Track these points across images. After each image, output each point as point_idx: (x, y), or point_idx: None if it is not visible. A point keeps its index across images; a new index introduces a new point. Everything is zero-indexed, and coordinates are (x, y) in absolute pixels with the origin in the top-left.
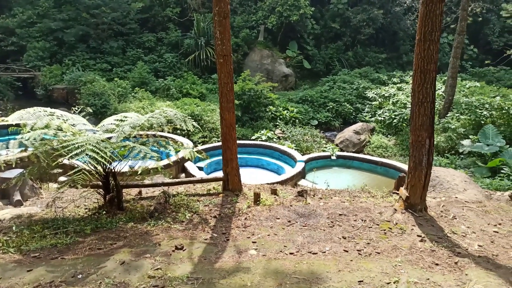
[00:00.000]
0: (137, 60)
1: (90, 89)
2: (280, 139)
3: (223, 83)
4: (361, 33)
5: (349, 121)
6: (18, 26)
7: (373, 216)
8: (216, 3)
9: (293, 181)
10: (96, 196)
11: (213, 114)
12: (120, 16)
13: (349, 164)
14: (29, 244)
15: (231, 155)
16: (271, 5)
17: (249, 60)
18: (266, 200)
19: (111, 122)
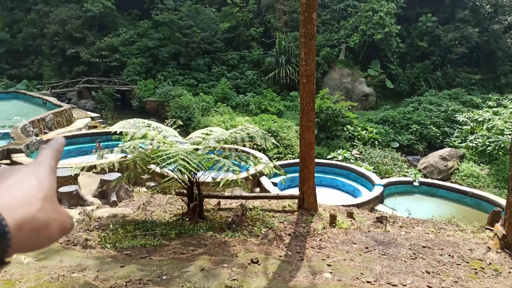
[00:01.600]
0: (221, 76)
1: (177, 103)
2: (357, 160)
3: (304, 103)
4: (452, 52)
5: (435, 145)
6: (121, 44)
7: (462, 252)
8: (303, 25)
9: (370, 205)
10: (180, 203)
11: (289, 131)
12: (208, 36)
13: (433, 192)
14: (122, 242)
15: (309, 174)
16: (355, 23)
17: (328, 79)
18: (343, 223)
19: (198, 135)
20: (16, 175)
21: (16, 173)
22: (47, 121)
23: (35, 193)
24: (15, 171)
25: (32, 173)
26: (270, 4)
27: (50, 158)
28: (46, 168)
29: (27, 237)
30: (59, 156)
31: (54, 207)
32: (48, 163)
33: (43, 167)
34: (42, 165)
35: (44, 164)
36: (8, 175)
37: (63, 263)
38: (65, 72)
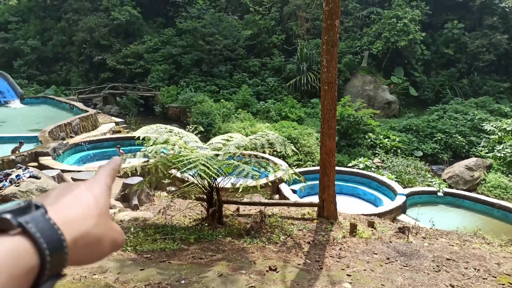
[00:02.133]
0: (242, 83)
1: (199, 109)
2: (378, 168)
3: (326, 110)
4: (479, 60)
5: (460, 155)
6: (146, 52)
7: (488, 266)
8: (325, 32)
9: (391, 215)
10: (199, 209)
11: (309, 138)
12: (230, 43)
13: (458, 203)
14: (142, 245)
15: (329, 181)
16: (378, 30)
17: (350, 86)
18: (363, 233)
19: (219, 141)
20: (74, 192)
21: (75, 189)
22: (73, 126)
23: (91, 210)
24: (74, 187)
25: (89, 190)
26: (292, 11)
27: (106, 176)
28: (102, 186)
29: (81, 252)
30: (115, 175)
31: (107, 224)
32: (105, 181)
33: (99, 185)
34: (99, 183)
35: (100, 182)
36: (68, 191)
37: None
38: (91, 78)
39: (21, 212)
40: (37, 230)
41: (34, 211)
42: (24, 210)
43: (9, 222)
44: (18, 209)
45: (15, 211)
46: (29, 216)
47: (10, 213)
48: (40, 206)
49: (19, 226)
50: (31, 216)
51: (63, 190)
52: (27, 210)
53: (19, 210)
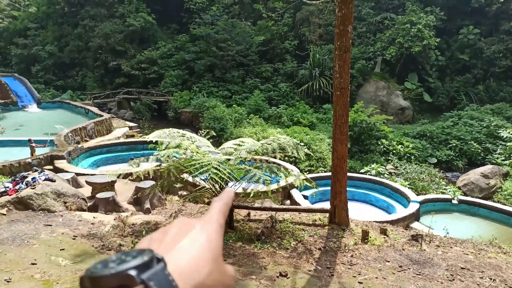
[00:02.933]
0: (254, 88)
1: (211, 114)
2: (391, 175)
3: (338, 115)
4: (495, 65)
5: (476, 162)
6: (160, 57)
7: (505, 276)
8: (338, 38)
9: (405, 223)
10: None
11: (321, 144)
12: (243, 49)
13: (474, 211)
14: None
15: (340, 187)
16: (391, 36)
17: (363, 91)
18: (375, 240)
19: (230, 146)
20: (190, 234)
21: (191, 230)
22: (88, 130)
23: (205, 256)
24: (189, 227)
25: (204, 231)
26: (305, 17)
27: (219, 213)
28: (215, 226)
29: None
30: (227, 211)
31: (220, 269)
32: (217, 218)
33: (212, 225)
34: (212, 223)
35: (213, 222)
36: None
37: None
38: (106, 83)
39: (144, 267)
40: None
41: (155, 265)
42: (147, 265)
43: (134, 280)
44: (142, 264)
45: (140, 267)
46: (152, 272)
47: (135, 270)
48: (161, 260)
49: (142, 282)
50: (153, 272)
51: (179, 230)
52: (150, 265)
53: (143, 265)
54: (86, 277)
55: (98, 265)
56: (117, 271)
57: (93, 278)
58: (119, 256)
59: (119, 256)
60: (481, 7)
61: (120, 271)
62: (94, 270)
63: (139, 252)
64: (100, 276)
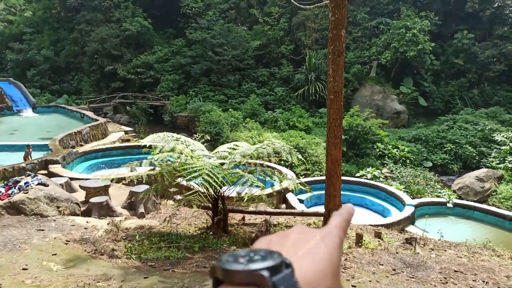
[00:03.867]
0: (250, 93)
1: (207, 118)
2: (387, 178)
3: (332, 119)
4: (489, 70)
5: (471, 165)
6: (156, 62)
7: (497, 278)
8: (331, 42)
9: (400, 226)
10: (205, 217)
11: (317, 148)
12: (239, 53)
13: (468, 214)
14: (147, 253)
15: (335, 191)
16: (387, 40)
17: (358, 96)
18: (369, 243)
19: (225, 150)
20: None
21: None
22: (83, 134)
23: (327, 269)
24: (309, 236)
25: (324, 243)
26: (301, 22)
27: (340, 228)
28: (336, 240)
29: None
30: (347, 227)
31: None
32: (338, 234)
33: (334, 239)
34: (333, 236)
35: (334, 235)
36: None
37: (89, 271)
38: (102, 87)
39: (275, 270)
40: None
41: (284, 270)
42: (278, 268)
43: (266, 281)
44: (274, 267)
45: (271, 269)
46: (281, 276)
47: (267, 271)
48: (289, 265)
49: (273, 285)
50: (283, 276)
51: (299, 238)
52: (279, 269)
53: (274, 268)
54: (219, 267)
55: (229, 258)
56: (251, 269)
57: (226, 270)
58: (248, 253)
59: (248, 253)
60: (475, 12)
61: (254, 270)
62: (227, 263)
63: (268, 253)
64: (234, 270)
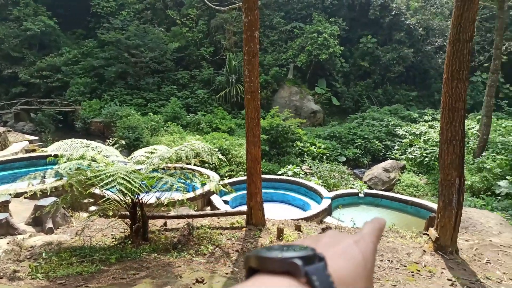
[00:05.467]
0: (171, 95)
1: (125, 123)
2: (307, 174)
3: (250, 118)
4: (391, 71)
5: (378, 158)
6: (64, 64)
7: (400, 256)
8: (246, 43)
9: (318, 218)
10: (123, 226)
11: (240, 149)
12: (157, 55)
13: (377, 202)
14: (56, 271)
15: (256, 189)
16: (301, 44)
17: (278, 97)
18: (290, 236)
19: (142, 154)
20: (343, 245)
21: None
22: None
23: (360, 271)
24: (342, 239)
25: (358, 247)
26: (219, 24)
27: (373, 235)
28: (370, 245)
29: None
30: (380, 236)
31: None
32: (372, 240)
33: (368, 244)
34: (366, 241)
35: (368, 241)
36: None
37: None
38: (0, 93)
39: (308, 260)
40: (320, 285)
41: (317, 263)
42: (310, 259)
43: (298, 269)
44: (307, 257)
45: (304, 259)
46: (314, 267)
47: (300, 260)
48: (323, 259)
49: (305, 274)
50: (316, 268)
51: (331, 239)
52: (312, 260)
53: (307, 258)
54: (253, 256)
55: (263, 249)
56: (284, 257)
57: (260, 257)
58: (281, 246)
59: (281, 246)
60: (376, 19)
61: (287, 257)
62: (261, 252)
63: (301, 247)
64: (267, 257)
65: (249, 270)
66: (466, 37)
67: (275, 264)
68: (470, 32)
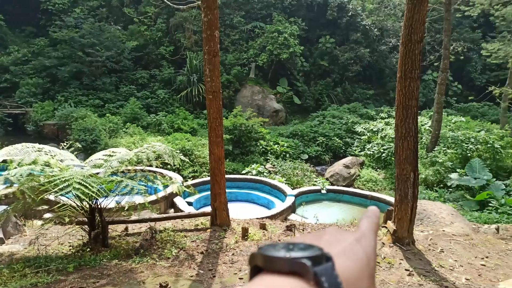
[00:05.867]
0: (130, 96)
1: (81, 125)
2: (270, 173)
3: (212, 118)
4: (349, 70)
5: (339, 155)
6: (13, 64)
7: None
8: (206, 42)
9: (283, 216)
10: (81, 233)
11: (204, 149)
12: (114, 55)
13: (339, 198)
14: (8, 284)
15: (219, 189)
16: (262, 44)
17: (240, 96)
18: (255, 235)
19: (99, 157)
20: (345, 242)
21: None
22: None
23: (364, 270)
24: (343, 236)
25: (361, 245)
26: (179, 23)
27: (372, 231)
28: (372, 243)
29: None
30: (378, 229)
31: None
32: (373, 237)
33: (370, 242)
34: (368, 238)
35: (369, 238)
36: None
37: None
38: None
39: (316, 260)
40: (329, 286)
41: (325, 263)
42: (318, 259)
43: (308, 270)
44: (315, 257)
45: (312, 259)
46: (323, 268)
47: (309, 260)
48: (330, 259)
49: (314, 275)
50: (324, 268)
51: (332, 236)
52: (320, 260)
53: (315, 258)
54: (259, 254)
55: (269, 247)
56: (292, 257)
57: (267, 256)
58: (286, 245)
59: (286, 245)
60: (334, 20)
61: (295, 258)
62: (267, 250)
63: (307, 246)
64: (275, 257)
65: (254, 269)
66: (417, 38)
67: (283, 264)
68: (420, 33)
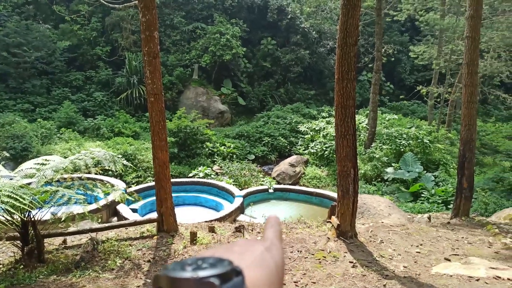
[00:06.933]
0: (64, 99)
1: (8, 131)
2: (218, 175)
3: (155, 122)
4: (290, 72)
5: (285, 154)
6: None
7: (308, 246)
8: (145, 43)
9: (232, 217)
10: (12, 249)
11: (147, 153)
12: (44, 55)
13: (286, 196)
14: None
15: (165, 194)
16: (204, 44)
17: (184, 98)
18: (203, 239)
19: (31, 166)
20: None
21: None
22: None
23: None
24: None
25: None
26: (115, 22)
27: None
28: (280, 251)
29: None
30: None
31: None
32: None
33: (278, 250)
34: (276, 247)
35: (277, 246)
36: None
37: None
38: None
39: (225, 277)
40: None
41: (234, 278)
42: (227, 275)
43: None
44: (224, 274)
45: (221, 276)
46: (231, 284)
47: (218, 278)
48: (240, 273)
49: None
50: (233, 284)
51: (242, 247)
52: (229, 276)
53: (224, 275)
54: (164, 276)
55: (175, 266)
56: (200, 277)
57: (173, 278)
58: (195, 261)
59: (195, 261)
60: (274, 22)
61: (203, 277)
62: (173, 271)
63: (217, 260)
64: (181, 278)
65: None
66: (352, 41)
67: (191, 286)
68: (355, 37)
